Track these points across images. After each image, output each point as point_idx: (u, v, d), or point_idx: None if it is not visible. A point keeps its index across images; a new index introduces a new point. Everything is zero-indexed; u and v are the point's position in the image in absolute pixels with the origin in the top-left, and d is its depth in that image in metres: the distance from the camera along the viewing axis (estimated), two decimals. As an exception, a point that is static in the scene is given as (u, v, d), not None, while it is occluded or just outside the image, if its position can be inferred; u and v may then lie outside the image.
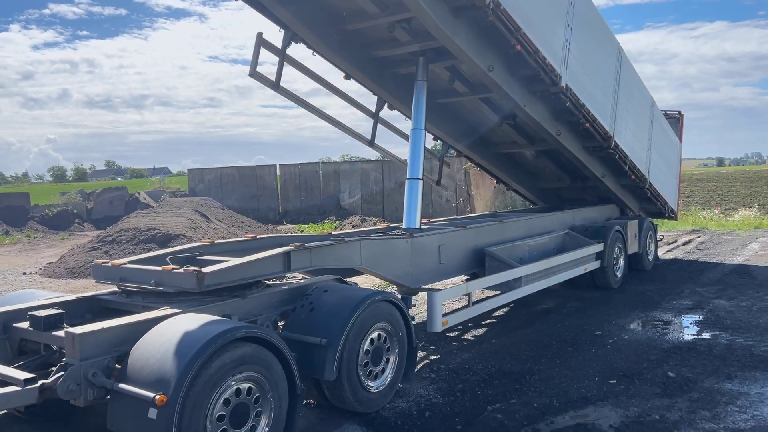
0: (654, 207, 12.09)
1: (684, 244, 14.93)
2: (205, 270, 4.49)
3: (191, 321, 3.97)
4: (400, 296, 5.63)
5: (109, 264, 5.10)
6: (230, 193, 28.39)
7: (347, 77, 8.07)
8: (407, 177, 7.71)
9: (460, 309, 6.85)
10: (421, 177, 7.66)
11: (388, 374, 5.14)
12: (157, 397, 3.42)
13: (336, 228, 20.77)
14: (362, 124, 9.00)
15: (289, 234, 15.33)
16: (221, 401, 3.73)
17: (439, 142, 9.98)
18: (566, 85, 7.82)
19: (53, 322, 4.20)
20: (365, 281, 8.57)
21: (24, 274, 13.39)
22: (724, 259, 12.34)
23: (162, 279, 4.65)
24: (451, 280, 7.76)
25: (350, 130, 8.63)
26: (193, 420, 3.53)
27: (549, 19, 7.57)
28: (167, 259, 5.34)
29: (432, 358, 6.45)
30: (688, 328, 7.39)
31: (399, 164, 12.13)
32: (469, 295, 6.60)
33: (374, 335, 4.99)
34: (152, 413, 3.47)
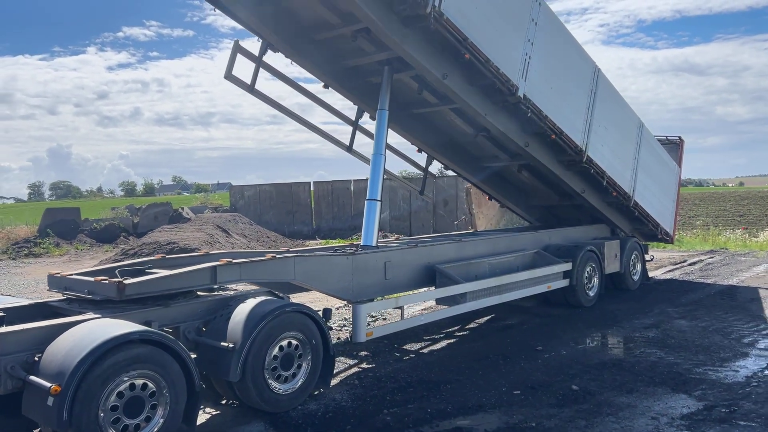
0: (646, 228, 12.17)
1: (690, 265, 14.84)
2: (127, 281, 5.17)
3: (99, 325, 4.65)
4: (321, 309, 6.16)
5: (59, 275, 5.86)
6: (267, 209, 29.51)
7: (326, 86, 8.73)
8: (366, 198, 8.24)
9: (391, 322, 7.33)
10: (379, 198, 8.17)
11: (300, 379, 5.68)
12: (52, 387, 4.10)
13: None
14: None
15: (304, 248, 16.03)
16: (115, 394, 4.36)
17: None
18: (524, 95, 8.16)
19: (-7, 323, 4.93)
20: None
21: (55, 283, 14.54)
22: (718, 281, 12.30)
23: (94, 288, 5.37)
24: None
25: (328, 135, 9.35)
26: (84, 408, 4.17)
27: (504, 33, 7.93)
28: (116, 271, 6.07)
29: (365, 366, 6.95)
30: (628, 345, 7.62)
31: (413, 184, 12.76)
32: (401, 308, 7.07)
33: (284, 343, 5.55)
34: (50, 401, 4.15)
